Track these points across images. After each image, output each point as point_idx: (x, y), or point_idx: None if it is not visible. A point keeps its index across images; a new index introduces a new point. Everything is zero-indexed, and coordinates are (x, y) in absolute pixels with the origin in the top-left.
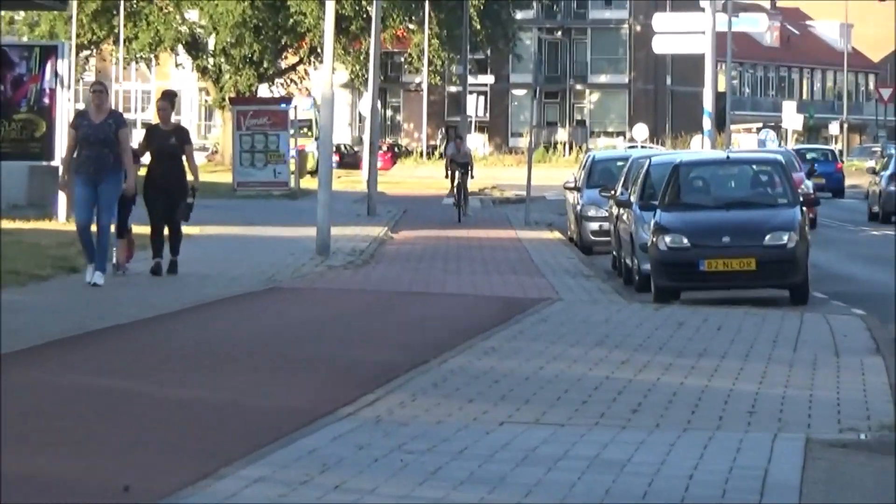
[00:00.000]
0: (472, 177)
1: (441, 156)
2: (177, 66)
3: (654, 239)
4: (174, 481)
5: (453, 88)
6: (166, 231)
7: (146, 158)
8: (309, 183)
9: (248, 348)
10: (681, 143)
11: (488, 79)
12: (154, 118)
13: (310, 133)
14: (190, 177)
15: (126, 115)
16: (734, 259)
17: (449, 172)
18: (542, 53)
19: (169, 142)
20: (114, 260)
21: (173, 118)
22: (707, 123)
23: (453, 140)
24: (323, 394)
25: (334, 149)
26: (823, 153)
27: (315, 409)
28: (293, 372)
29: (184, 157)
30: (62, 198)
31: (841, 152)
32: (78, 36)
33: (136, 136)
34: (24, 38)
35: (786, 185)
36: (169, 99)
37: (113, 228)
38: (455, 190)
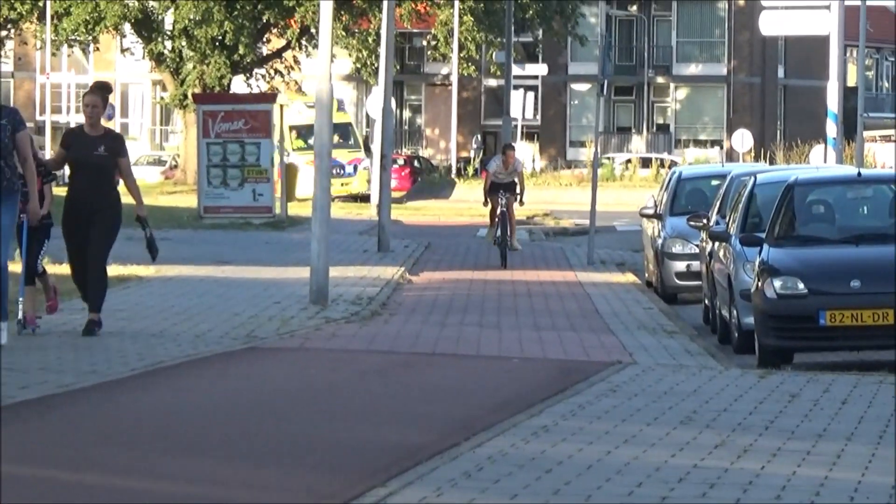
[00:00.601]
0: (521, 202)
1: (476, 172)
2: (123, 51)
3: (760, 283)
4: None
5: (493, 82)
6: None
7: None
8: (301, 209)
9: (217, 427)
10: (796, 155)
11: (540, 69)
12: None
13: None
14: (122, 198)
15: (55, 118)
16: (866, 310)
17: (489, 197)
18: (611, 35)
19: (95, 151)
20: (19, 314)
21: (113, 122)
22: (832, 129)
23: (501, 151)
24: (318, 488)
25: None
26: None
27: None
28: (277, 459)
29: (116, 175)
30: None
31: None
32: None
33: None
34: None
35: None
36: (101, 93)
37: (14, 267)
38: (498, 221)
